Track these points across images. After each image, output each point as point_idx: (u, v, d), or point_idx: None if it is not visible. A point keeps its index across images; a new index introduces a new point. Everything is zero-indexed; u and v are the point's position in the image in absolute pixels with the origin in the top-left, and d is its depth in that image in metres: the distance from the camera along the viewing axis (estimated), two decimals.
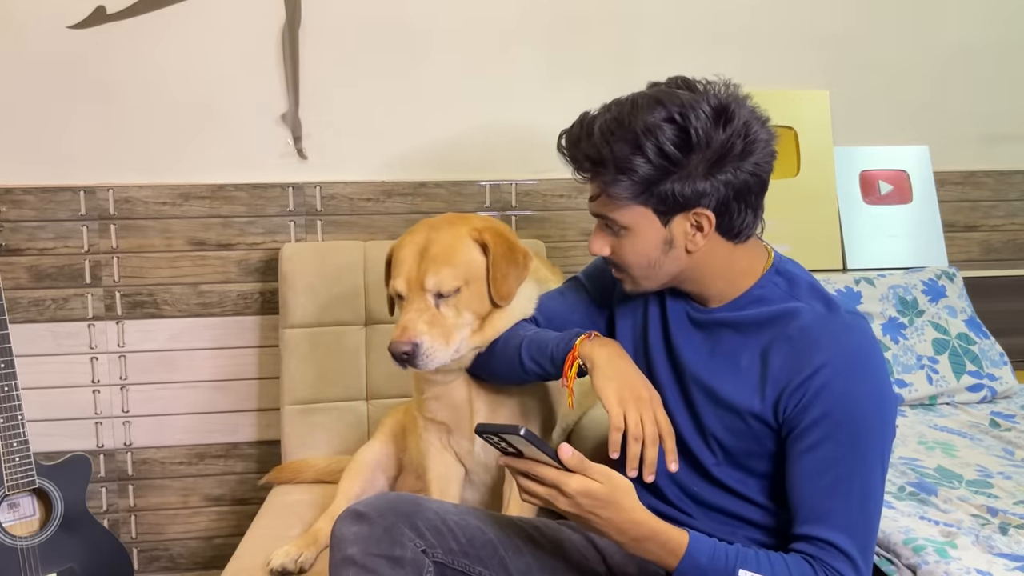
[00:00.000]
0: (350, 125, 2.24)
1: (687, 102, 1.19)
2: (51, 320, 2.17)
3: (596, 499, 1.10)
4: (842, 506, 1.17)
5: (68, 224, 2.15)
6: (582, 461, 1.10)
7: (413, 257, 1.44)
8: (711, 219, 1.22)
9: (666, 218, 1.23)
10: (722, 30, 2.36)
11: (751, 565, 1.15)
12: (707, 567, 1.14)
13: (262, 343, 2.25)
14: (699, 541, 1.15)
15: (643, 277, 1.29)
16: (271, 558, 1.56)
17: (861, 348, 1.20)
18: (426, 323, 1.41)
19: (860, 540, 1.16)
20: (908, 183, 2.47)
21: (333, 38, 2.19)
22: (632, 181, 1.20)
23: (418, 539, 1.22)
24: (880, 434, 1.19)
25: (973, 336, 2.19)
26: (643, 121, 1.18)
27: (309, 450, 2.06)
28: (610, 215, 1.25)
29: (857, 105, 2.44)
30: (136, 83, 2.14)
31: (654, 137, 1.18)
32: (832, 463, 1.17)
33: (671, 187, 1.20)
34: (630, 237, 1.26)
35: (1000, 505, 1.53)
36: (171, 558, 2.30)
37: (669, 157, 1.18)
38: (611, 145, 1.20)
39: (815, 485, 1.18)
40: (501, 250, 1.45)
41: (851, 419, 1.17)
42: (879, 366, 1.21)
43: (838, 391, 1.17)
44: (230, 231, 2.21)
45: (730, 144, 1.19)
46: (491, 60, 2.27)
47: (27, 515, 1.96)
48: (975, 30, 2.48)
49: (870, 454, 1.18)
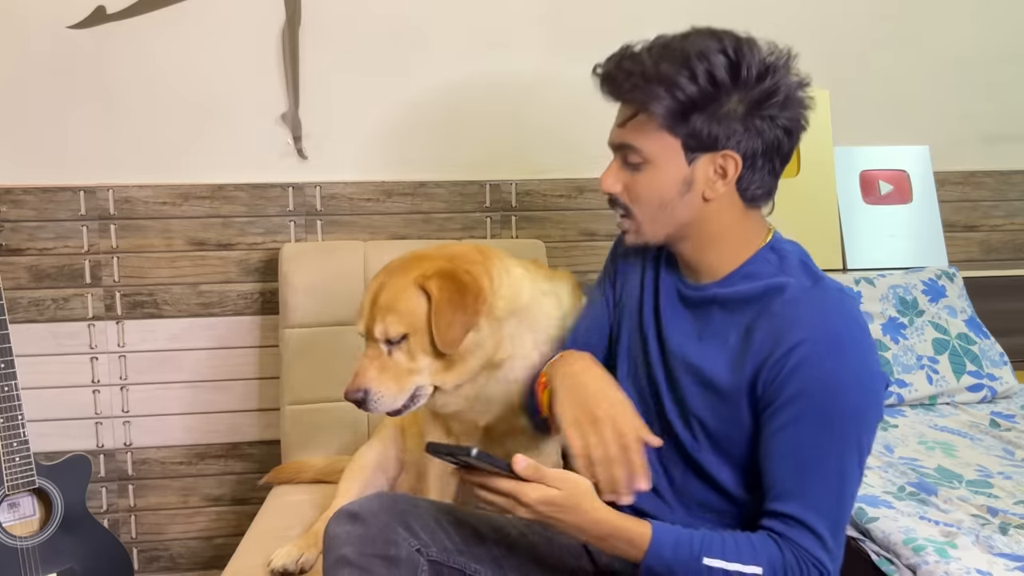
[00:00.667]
0: (350, 125, 2.24)
1: (742, 40, 1.21)
2: (51, 320, 2.17)
3: (555, 505, 1.10)
4: (814, 486, 1.14)
5: (68, 224, 2.15)
6: (537, 470, 1.09)
7: (368, 303, 1.45)
8: (738, 164, 1.20)
9: (693, 155, 1.20)
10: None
11: (716, 552, 1.13)
12: (672, 559, 1.13)
13: (262, 343, 2.25)
14: (662, 533, 1.14)
15: (650, 221, 1.25)
16: (272, 558, 1.56)
17: (844, 326, 1.17)
18: (376, 369, 1.41)
19: (831, 520, 1.14)
20: (908, 183, 2.47)
21: (333, 38, 2.19)
22: (675, 100, 1.16)
23: (412, 538, 1.22)
24: (858, 416, 1.16)
25: (973, 336, 2.19)
26: (697, 46, 1.18)
27: (309, 450, 2.06)
28: (635, 143, 1.21)
29: (857, 105, 2.44)
30: (136, 83, 2.14)
31: (707, 61, 1.17)
32: (806, 443, 1.14)
33: (707, 121, 1.18)
34: (649, 171, 1.22)
35: (1000, 505, 1.53)
36: (171, 558, 2.30)
37: (717, 83, 1.16)
38: (658, 64, 1.18)
39: (788, 463, 1.15)
40: (446, 296, 1.41)
41: (828, 399, 1.14)
42: (862, 345, 1.17)
43: (816, 369, 1.14)
44: (230, 231, 2.21)
45: (775, 89, 1.19)
46: (491, 60, 2.27)
47: (27, 515, 1.96)
48: (975, 30, 2.48)
49: (846, 436, 1.14)
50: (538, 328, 1.54)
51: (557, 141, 2.30)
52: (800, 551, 1.13)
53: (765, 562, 1.12)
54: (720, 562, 1.12)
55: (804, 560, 1.13)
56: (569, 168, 2.31)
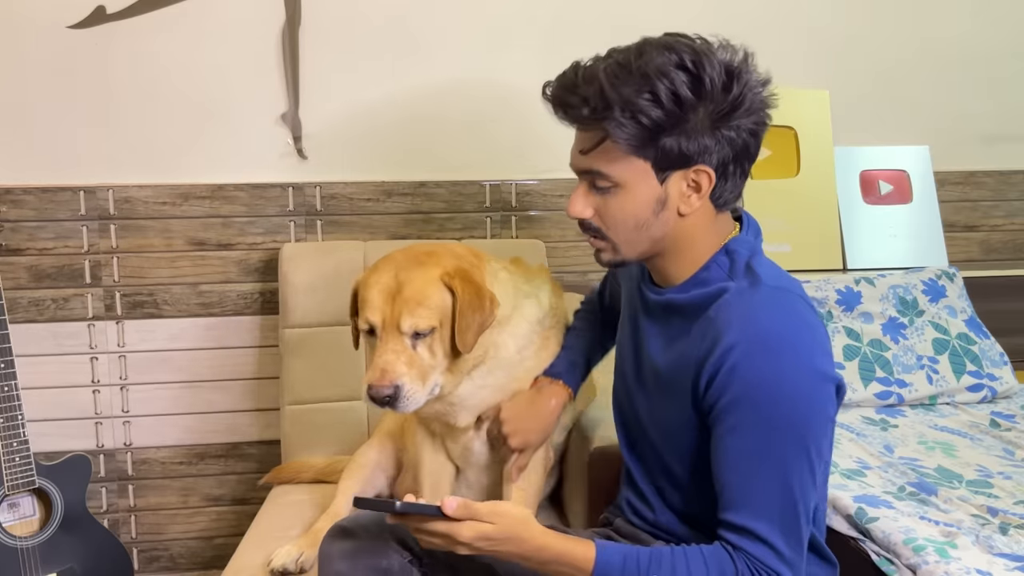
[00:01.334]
0: (350, 125, 2.24)
1: (699, 50, 1.14)
2: (51, 320, 2.17)
3: (491, 539, 1.09)
4: (761, 493, 1.10)
5: (68, 224, 2.15)
6: (467, 508, 1.08)
7: (384, 298, 1.40)
8: (711, 178, 1.16)
9: (664, 174, 1.16)
10: (722, 30, 2.35)
11: (665, 569, 1.09)
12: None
13: (262, 343, 2.25)
14: (607, 552, 1.11)
15: (626, 242, 1.21)
16: (272, 558, 1.56)
17: (775, 325, 1.12)
18: (405, 364, 1.37)
19: (783, 529, 1.09)
20: (908, 183, 2.47)
21: (333, 38, 2.19)
22: (639, 125, 1.11)
23: (404, 550, 1.23)
24: (798, 419, 1.09)
25: (973, 336, 2.19)
26: (654, 64, 1.11)
27: (309, 450, 2.06)
28: (603, 169, 1.17)
29: (857, 105, 2.44)
30: (136, 83, 2.14)
31: (667, 80, 1.10)
32: (748, 448, 1.10)
33: (676, 140, 1.13)
34: (621, 195, 1.18)
35: (1000, 505, 1.53)
36: (171, 558, 2.30)
37: (682, 102, 1.11)
38: (618, 88, 1.11)
39: (734, 471, 1.11)
40: (468, 297, 1.42)
41: (763, 402, 1.09)
42: (798, 343, 1.12)
43: (748, 372, 1.10)
44: (230, 231, 2.21)
45: (741, 97, 1.14)
46: (491, 60, 2.26)
47: (27, 515, 1.95)
48: (975, 30, 2.48)
49: (788, 440, 1.09)
50: (518, 333, 1.54)
51: (557, 141, 2.27)
52: (753, 561, 1.09)
53: (716, 574, 1.09)
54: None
55: (757, 570, 1.09)
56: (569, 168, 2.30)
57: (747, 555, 1.10)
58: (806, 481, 1.11)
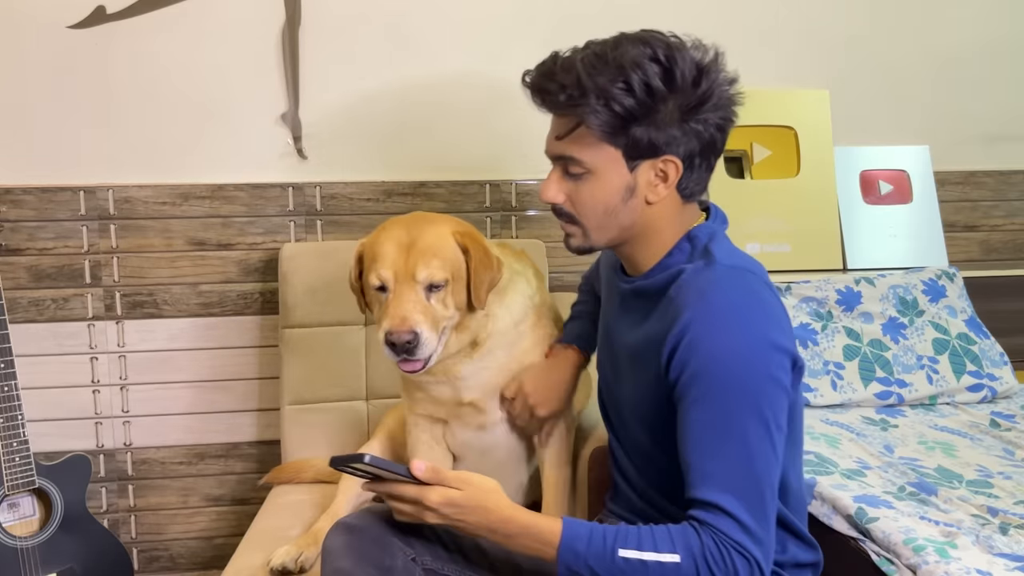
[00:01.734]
0: (350, 125, 2.24)
1: (672, 45, 1.20)
2: (51, 320, 2.16)
3: (459, 506, 1.11)
4: (723, 467, 1.12)
5: (68, 224, 2.15)
6: (436, 472, 1.11)
7: (398, 251, 1.43)
8: (678, 168, 1.22)
9: (633, 163, 1.21)
10: (722, 30, 2.34)
11: (631, 544, 1.10)
12: (585, 553, 1.10)
13: (262, 343, 2.25)
14: (573, 527, 1.12)
15: (596, 228, 1.26)
16: (271, 558, 1.56)
17: (728, 301, 1.16)
18: (421, 313, 1.40)
19: (748, 502, 1.11)
20: (908, 183, 2.47)
21: (333, 38, 2.19)
22: (612, 113, 1.17)
23: (407, 547, 1.23)
24: (752, 387, 1.12)
25: (973, 336, 2.19)
26: (629, 56, 1.17)
27: (309, 450, 2.06)
28: (576, 155, 1.22)
29: (857, 105, 2.44)
30: (136, 83, 2.14)
31: (641, 71, 1.16)
32: (709, 423, 1.13)
33: (646, 130, 1.18)
34: (592, 181, 1.23)
35: (1000, 505, 1.53)
36: (171, 558, 2.30)
37: (653, 92, 1.17)
38: (594, 77, 1.17)
39: (697, 446, 1.13)
40: (479, 255, 1.47)
41: (719, 376, 1.12)
42: (750, 316, 1.16)
43: (704, 348, 1.13)
44: (230, 231, 2.21)
45: (709, 93, 1.19)
46: (491, 60, 2.26)
47: (27, 515, 1.96)
48: (975, 30, 2.48)
49: (743, 410, 1.12)
50: (513, 306, 1.57)
51: None
52: (719, 535, 1.10)
53: (682, 549, 1.10)
54: (635, 553, 1.09)
55: (724, 544, 1.10)
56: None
57: (712, 529, 1.10)
58: (767, 452, 1.13)
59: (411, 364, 1.42)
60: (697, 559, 1.09)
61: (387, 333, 1.38)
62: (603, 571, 1.10)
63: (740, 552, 1.10)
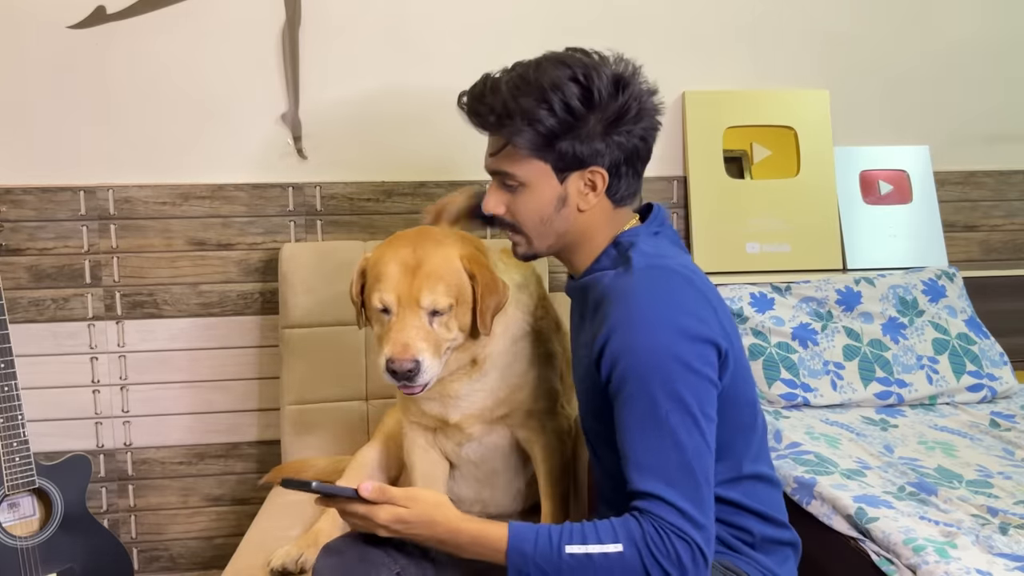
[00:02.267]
0: (350, 125, 2.24)
1: (589, 64, 1.28)
2: (51, 320, 2.17)
3: (406, 522, 1.16)
4: (656, 459, 1.16)
5: (68, 224, 2.15)
6: (383, 492, 1.16)
7: (403, 273, 1.41)
8: (605, 178, 1.30)
9: (563, 175, 1.30)
10: (722, 30, 2.37)
11: (576, 539, 1.14)
12: (533, 553, 1.14)
13: (262, 343, 2.25)
14: (519, 530, 1.16)
15: (536, 236, 1.35)
16: (271, 558, 1.56)
17: (643, 301, 1.22)
18: (424, 340, 1.40)
19: (683, 489, 1.15)
20: (908, 183, 2.47)
21: (333, 38, 2.19)
22: (536, 132, 1.26)
23: (391, 562, 1.25)
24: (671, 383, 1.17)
25: (973, 336, 2.19)
26: (549, 78, 1.26)
27: (309, 450, 2.06)
28: (509, 170, 1.31)
29: (857, 105, 2.44)
30: (136, 83, 2.14)
31: (560, 92, 1.25)
32: (638, 418, 1.18)
33: (571, 144, 1.27)
34: (526, 193, 1.32)
35: (1000, 505, 1.53)
36: (171, 558, 2.30)
37: (573, 112, 1.25)
38: (518, 99, 1.26)
39: (631, 441, 1.18)
40: (486, 280, 1.45)
41: (640, 374, 1.18)
42: (663, 314, 1.21)
43: (625, 348, 1.20)
44: (230, 231, 2.21)
45: (627, 107, 1.28)
46: (491, 60, 2.24)
47: (27, 515, 1.96)
48: (975, 30, 2.48)
49: (667, 405, 1.17)
50: (513, 326, 1.56)
51: None
52: (659, 521, 1.14)
53: (625, 539, 1.13)
54: (580, 547, 1.14)
55: (663, 529, 1.13)
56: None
57: (652, 516, 1.14)
58: (696, 441, 1.17)
59: (410, 389, 1.42)
60: (639, 546, 1.13)
61: (388, 360, 1.38)
62: (550, 568, 1.14)
63: (680, 536, 1.13)
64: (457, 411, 1.56)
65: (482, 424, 1.59)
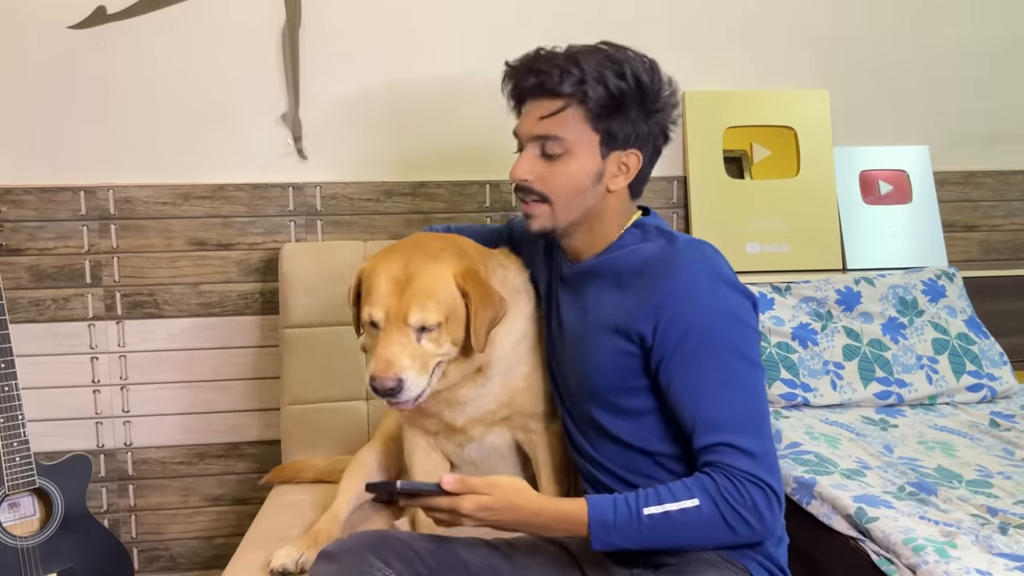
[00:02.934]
0: (350, 125, 2.24)
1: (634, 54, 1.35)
2: (51, 320, 2.17)
3: (491, 509, 1.19)
4: (725, 411, 1.23)
5: (68, 224, 2.15)
6: (464, 482, 1.18)
7: (392, 289, 1.39)
8: (639, 161, 1.37)
9: (606, 150, 1.35)
10: (722, 30, 2.37)
11: (652, 501, 1.20)
12: (614, 521, 1.19)
13: (262, 343, 2.25)
14: (597, 503, 1.21)
15: (563, 207, 1.37)
16: (272, 559, 1.56)
17: (700, 267, 1.29)
18: (409, 357, 1.37)
19: (752, 433, 1.22)
20: (908, 183, 2.47)
21: (333, 38, 2.19)
22: (608, 94, 1.30)
23: (386, 567, 1.26)
24: (737, 335, 1.26)
25: (973, 336, 2.19)
26: (617, 52, 1.34)
27: (309, 450, 2.07)
28: (561, 133, 1.33)
29: (857, 105, 2.44)
30: (136, 83, 2.14)
31: (630, 63, 1.32)
32: (702, 375, 1.24)
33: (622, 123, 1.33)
34: (568, 161, 1.35)
35: (1000, 505, 1.53)
36: (171, 558, 2.30)
37: (641, 86, 1.32)
38: (591, 62, 1.31)
39: (695, 399, 1.24)
40: (480, 298, 1.41)
41: (704, 332, 1.25)
42: (719, 278, 1.29)
43: (687, 308, 1.26)
44: (230, 231, 2.21)
45: (664, 98, 1.37)
46: (491, 60, 2.24)
47: (27, 515, 1.96)
48: (975, 30, 2.48)
49: (732, 357, 1.25)
50: (514, 329, 1.55)
51: None
52: (732, 471, 1.20)
53: (700, 492, 1.19)
54: (658, 508, 1.19)
55: (737, 478, 1.19)
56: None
57: (724, 467, 1.21)
58: (757, 386, 1.27)
59: (397, 404, 1.41)
60: (715, 497, 1.19)
61: (372, 378, 1.37)
62: (632, 532, 1.19)
63: (753, 482, 1.19)
64: (463, 415, 1.56)
65: (483, 426, 1.59)
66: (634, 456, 1.35)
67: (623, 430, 1.35)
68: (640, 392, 1.32)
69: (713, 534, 1.20)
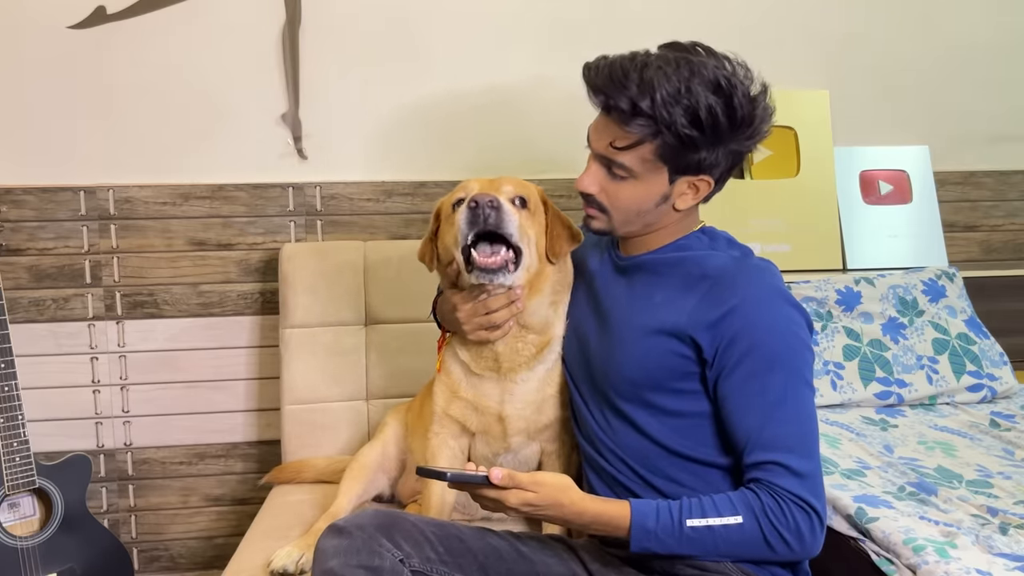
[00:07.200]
0: (350, 125, 2.24)
1: (731, 77, 1.28)
2: (51, 320, 2.17)
3: (535, 505, 1.22)
4: (779, 430, 1.24)
5: (68, 224, 2.15)
6: (511, 478, 1.20)
7: (483, 182, 1.48)
8: (711, 185, 1.35)
9: (675, 177, 1.33)
10: (722, 30, 2.35)
11: (696, 513, 1.22)
12: (655, 528, 1.21)
13: (262, 343, 2.25)
14: (640, 507, 1.23)
15: (623, 222, 1.38)
16: (272, 559, 1.56)
17: (771, 286, 1.31)
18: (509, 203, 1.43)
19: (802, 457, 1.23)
20: (908, 183, 2.47)
21: (333, 38, 2.19)
22: (678, 141, 1.27)
23: (395, 549, 1.25)
24: (800, 357, 1.28)
25: (973, 336, 2.19)
26: (697, 93, 1.26)
27: (309, 450, 2.06)
28: (628, 163, 1.31)
29: (857, 105, 2.44)
30: (136, 83, 2.14)
31: (708, 109, 1.26)
32: (761, 393, 1.25)
33: (696, 153, 1.30)
34: (633, 184, 1.34)
35: (1000, 505, 1.53)
36: (171, 558, 2.30)
37: (717, 128, 1.27)
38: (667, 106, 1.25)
39: (751, 415, 1.26)
40: (556, 212, 1.52)
41: (772, 349, 1.26)
42: (787, 300, 1.31)
43: (756, 325, 1.27)
44: (230, 231, 2.21)
45: (760, 127, 1.33)
46: (490, 61, 2.27)
47: (27, 515, 1.96)
48: (975, 30, 2.48)
49: (792, 374, 1.26)
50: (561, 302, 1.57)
51: (556, 141, 2.30)
52: (778, 490, 1.21)
53: (744, 510, 1.21)
54: (701, 521, 1.21)
55: (783, 498, 1.21)
56: (568, 168, 2.30)
57: (771, 486, 1.22)
58: (811, 409, 1.28)
59: (491, 257, 1.40)
60: (759, 516, 1.20)
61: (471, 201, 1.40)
62: (672, 541, 1.21)
63: (798, 504, 1.20)
64: (512, 401, 1.56)
65: (523, 436, 1.59)
66: (654, 451, 1.36)
67: (652, 427, 1.36)
68: (678, 394, 1.33)
69: (751, 550, 1.22)
